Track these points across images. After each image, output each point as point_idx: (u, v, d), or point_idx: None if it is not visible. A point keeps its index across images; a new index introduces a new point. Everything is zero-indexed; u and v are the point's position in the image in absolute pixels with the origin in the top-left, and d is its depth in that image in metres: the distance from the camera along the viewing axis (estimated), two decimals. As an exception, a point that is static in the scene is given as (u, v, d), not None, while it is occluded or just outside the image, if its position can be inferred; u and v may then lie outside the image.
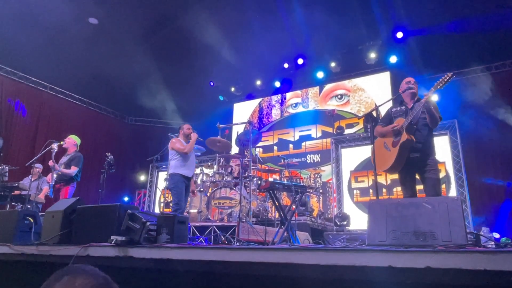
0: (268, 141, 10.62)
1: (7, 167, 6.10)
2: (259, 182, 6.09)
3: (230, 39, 8.68)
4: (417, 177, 3.86)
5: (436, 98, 3.75)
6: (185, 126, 5.70)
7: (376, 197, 3.41)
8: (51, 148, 5.48)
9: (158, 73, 9.63)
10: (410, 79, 4.05)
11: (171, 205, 5.57)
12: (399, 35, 8.52)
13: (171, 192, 5.27)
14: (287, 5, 7.77)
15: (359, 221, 7.03)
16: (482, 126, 7.43)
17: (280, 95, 11.00)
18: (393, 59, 9.06)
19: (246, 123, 8.69)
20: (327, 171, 8.95)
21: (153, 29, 8.67)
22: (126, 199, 11.01)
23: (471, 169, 7.28)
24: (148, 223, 2.59)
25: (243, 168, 6.06)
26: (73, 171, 5.70)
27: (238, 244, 4.14)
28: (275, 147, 10.49)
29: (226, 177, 6.48)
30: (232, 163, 7.00)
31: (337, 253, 1.82)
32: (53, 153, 5.47)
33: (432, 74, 7.85)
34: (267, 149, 10.57)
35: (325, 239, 6.27)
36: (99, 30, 8.38)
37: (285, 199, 7.78)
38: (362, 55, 9.30)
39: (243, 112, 11.40)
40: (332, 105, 10.04)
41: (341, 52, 9.47)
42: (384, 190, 7.62)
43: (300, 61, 9.87)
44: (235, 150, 9.29)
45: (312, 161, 9.66)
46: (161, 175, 10.49)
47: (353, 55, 9.40)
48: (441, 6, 7.43)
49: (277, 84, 10.80)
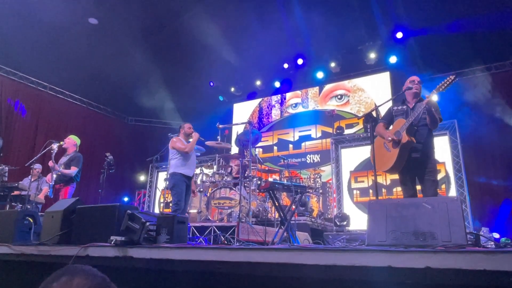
0: (268, 141, 10.62)
1: (7, 167, 6.10)
2: (259, 182, 6.07)
3: (230, 39, 8.68)
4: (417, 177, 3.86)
5: (436, 98, 3.74)
6: (186, 125, 5.63)
7: (376, 197, 3.41)
8: (51, 148, 5.47)
9: (158, 73, 9.63)
10: (414, 78, 4.03)
11: (170, 205, 5.55)
12: (399, 35, 8.53)
13: (171, 192, 5.21)
14: (287, 6, 7.77)
15: (359, 221, 7.03)
16: (482, 126, 7.43)
17: (280, 95, 11.00)
18: (393, 59, 9.06)
19: (246, 123, 8.70)
20: (327, 171, 8.94)
21: (153, 29, 8.67)
22: (125, 199, 11.01)
23: (471, 169, 7.28)
24: (147, 223, 2.59)
25: (243, 168, 6.05)
26: (72, 171, 5.70)
27: (237, 244, 4.14)
28: (275, 147, 10.49)
29: (225, 177, 6.48)
30: (231, 163, 7.00)
31: (337, 253, 1.82)
32: (53, 153, 5.46)
33: (432, 74, 7.86)
34: (267, 149, 10.56)
35: (324, 239, 6.27)
36: (99, 30, 8.38)
37: (285, 199, 7.78)
38: (362, 55, 9.30)
39: (243, 112, 11.40)
40: (332, 105, 10.04)
41: (341, 52, 9.47)
42: (383, 190, 7.62)
43: (300, 61, 9.87)
44: (234, 150, 9.29)
45: (312, 161, 9.66)
46: (161, 175, 10.49)
47: (353, 55, 9.40)
48: (441, 6, 7.43)
49: (277, 84, 10.80)
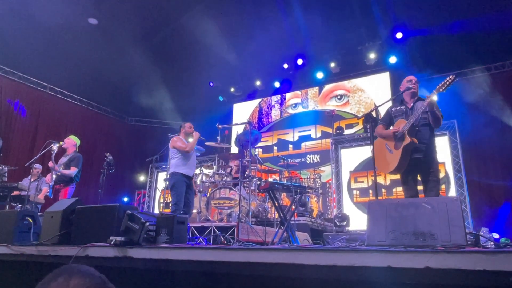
0: (267, 141, 10.62)
1: (7, 168, 6.10)
2: (259, 182, 6.07)
3: (229, 40, 8.68)
4: (418, 178, 3.86)
5: (436, 98, 3.74)
6: (187, 124, 5.56)
7: (375, 198, 3.41)
8: (51, 149, 5.46)
9: (157, 73, 9.63)
10: (411, 78, 4.04)
11: (170, 205, 5.54)
12: (399, 35, 8.53)
13: (171, 191, 5.18)
14: (287, 6, 7.77)
15: (359, 221, 7.03)
16: (481, 126, 7.43)
17: (279, 96, 11.00)
18: (393, 60, 9.06)
19: (245, 123, 8.69)
20: (326, 171, 8.94)
21: (152, 29, 8.67)
22: (125, 200, 11.01)
23: (470, 169, 7.28)
24: (147, 224, 2.59)
25: (243, 168, 6.04)
26: (72, 171, 5.69)
27: (237, 244, 4.14)
28: (275, 148, 10.49)
29: (225, 177, 6.48)
30: (231, 163, 6.99)
31: (337, 253, 1.82)
32: (53, 154, 5.46)
33: (431, 74, 7.86)
34: (267, 149, 10.56)
35: (324, 239, 6.27)
36: (98, 30, 8.37)
37: (285, 200, 7.78)
38: (361, 56, 9.31)
39: (243, 112, 11.40)
40: (331, 105, 10.04)
41: (341, 52, 9.48)
42: (383, 190, 7.62)
43: (299, 61, 9.88)
44: (234, 150, 9.28)
45: (311, 162, 9.66)
46: (161, 175, 10.48)
47: (353, 55, 9.41)
48: (441, 6, 7.43)
49: (277, 84, 10.81)
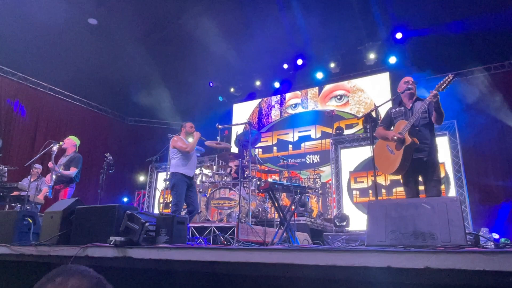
0: (267, 141, 10.62)
1: (6, 168, 6.09)
2: (259, 182, 6.08)
3: (229, 40, 8.68)
4: (420, 178, 3.85)
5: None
6: (188, 124, 5.48)
7: (375, 198, 3.41)
8: (51, 149, 5.45)
9: (157, 73, 9.63)
10: (408, 79, 4.04)
11: (170, 205, 5.54)
12: (399, 35, 8.54)
13: (171, 192, 5.14)
14: (287, 6, 7.78)
15: (359, 221, 7.03)
16: (481, 126, 7.44)
17: (279, 96, 11.00)
18: (393, 60, 9.07)
19: (245, 123, 8.70)
20: (326, 171, 8.94)
21: (152, 29, 8.67)
22: (125, 200, 11.00)
23: (470, 169, 7.28)
24: (147, 224, 2.59)
25: (243, 168, 6.04)
26: (72, 172, 5.68)
27: (237, 244, 4.14)
28: (275, 148, 10.49)
29: (225, 177, 6.48)
30: (231, 163, 6.99)
31: (336, 253, 1.82)
32: (53, 154, 5.43)
33: (431, 74, 7.86)
34: (267, 149, 10.56)
35: (324, 239, 6.27)
36: (98, 30, 8.38)
37: (285, 200, 7.78)
38: (361, 56, 9.31)
39: (243, 112, 11.40)
40: (331, 105, 10.05)
41: (341, 52, 9.48)
42: (383, 190, 7.62)
43: (299, 61, 9.88)
44: (234, 150, 9.28)
45: (311, 162, 9.66)
46: (161, 175, 10.48)
47: (353, 55, 9.42)
48: (440, 7, 7.44)
49: (277, 84, 10.81)
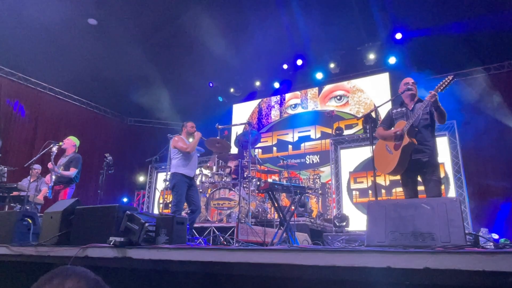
0: (267, 142, 10.62)
1: (6, 168, 6.10)
2: (258, 183, 6.08)
3: (229, 40, 8.68)
4: (419, 178, 3.86)
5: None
6: (189, 124, 5.42)
7: (375, 198, 3.41)
8: (51, 150, 5.44)
9: (157, 73, 9.63)
10: (408, 80, 4.03)
11: (170, 206, 5.53)
12: (398, 36, 8.55)
13: (172, 192, 5.12)
14: (286, 6, 7.78)
15: (358, 222, 7.03)
16: (481, 127, 7.44)
17: (279, 96, 11.00)
18: (392, 60, 9.08)
19: (245, 124, 8.69)
20: (326, 172, 8.95)
21: (152, 30, 8.67)
22: (125, 200, 11.01)
23: (470, 170, 7.28)
24: (146, 224, 2.58)
25: (242, 169, 6.04)
26: (72, 172, 5.68)
27: (237, 245, 4.15)
28: (274, 148, 10.49)
29: (225, 178, 6.48)
30: (230, 164, 6.99)
31: (336, 254, 1.82)
32: (53, 155, 5.43)
33: (431, 75, 7.86)
34: (266, 150, 10.57)
35: (324, 240, 6.27)
36: (98, 31, 8.38)
37: (284, 200, 7.77)
38: (361, 56, 9.31)
39: (242, 113, 11.40)
40: (331, 106, 10.05)
41: (340, 53, 9.49)
42: (383, 191, 7.62)
43: (299, 62, 9.89)
44: (234, 151, 9.28)
45: (311, 162, 9.66)
46: (160, 176, 10.48)
47: (352, 56, 9.42)
48: (440, 7, 7.45)
49: (276, 85, 10.81)
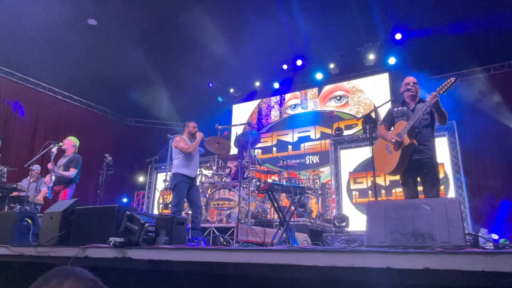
0: (267, 142, 10.62)
1: (6, 168, 6.10)
2: (258, 183, 6.08)
3: (229, 40, 8.69)
4: (418, 179, 3.86)
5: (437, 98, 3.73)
6: (191, 124, 5.38)
7: (375, 198, 3.41)
8: (51, 150, 5.44)
9: (157, 74, 9.63)
10: (409, 80, 4.00)
11: (169, 206, 5.53)
12: (398, 36, 8.55)
13: (172, 192, 5.11)
14: (286, 7, 7.78)
15: (358, 222, 7.03)
16: (480, 127, 7.45)
17: (279, 96, 11.00)
18: (392, 61, 9.08)
19: (245, 124, 8.69)
20: (326, 172, 8.95)
21: (152, 30, 8.67)
22: (125, 200, 11.00)
23: (469, 170, 7.29)
24: (146, 224, 2.59)
25: (242, 169, 6.04)
26: (72, 173, 5.68)
27: (237, 245, 4.15)
28: (274, 148, 10.49)
29: (225, 178, 6.48)
30: (230, 164, 6.99)
31: (336, 254, 1.82)
32: (53, 155, 5.43)
33: (430, 75, 7.87)
34: (266, 150, 10.57)
35: (324, 240, 6.27)
36: (98, 31, 8.37)
37: (284, 200, 7.77)
38: (361, 57, 9.31)
39: (242, 113, 11.40)
40: (331, 106, 10.05)
41: (340, 53, 9.48)
42: (383, 191, 7.62)
43: (299, 62, 9.88)
44: (234, 151, 9.28)
45: (311, 162, 9.66)
46: (160, 176, 10.47)
47: (352, 56, 9.42)
48: (440, 7, 7.45)
49: (276, 85, 10.81)
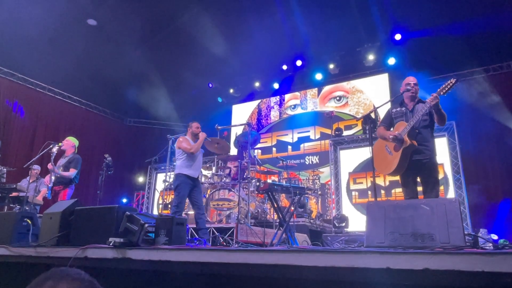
0: (266, 142, 10.62)
1: (5, 169, 6.10)
2: (258, 183, 6.07)
3: (229, 41, 8.69)
4: (418, 179, 3.86)
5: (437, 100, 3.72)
6: (194, 124, 5.33)
7: (374, 199, 3.41)
8: (50, 150, 5.44)
9: (156, 74, 9.63)
10: (409, 80, 3.99)
11: (169, 206, 5.52)
12: (398, 37, 8.56)
13: (174, 192, 5.10)
14: (286, 7, 7.79)
15: (358, 222, 7.03)
16: (480, 128, 7.46)
17: (278, 97, 11.00)
18: (392, 61, 9.09)
19: (244, 124, 8.69)
20: (325, 172, 8.95)
21: (151, 30, 8.68)
22: (124, 201, 10.99)
23: (469, 170, 7.29)
24: (146, 225, 2.59)
25: (242, 169, 6.04)
26: (71, 173, 5.67)
27: (236, 245, 4.15)
28: (274, 149, 10.49)
29: (224, 178, 6.48)
30: (230, 164, 6.99)
31: (336, 254, 1.82)
32: (52, 156, 5.43)
33: (430, 76, 7.88)
34: (266, 150, 10.56)
35: (323, 240, 6.27)
36: (98, 31, 8.38)
37: (284, 201, 7.77)
38: (360, 57, 9.32)
39: (242, 113, 11.40)
40: (330, 106, 10.05)
41: (340, 53, 9.49)
42: (382, 191, 7.62)
43: (298, 62, 9.89)
44: (233, 151, 9.28)
45: (310, 163, 9.67)
46: (160, 176, 10.47)
47: (352, 56, 9.43)
48: (440, 8, 7.45)
49: (276, 85, 10.81)
